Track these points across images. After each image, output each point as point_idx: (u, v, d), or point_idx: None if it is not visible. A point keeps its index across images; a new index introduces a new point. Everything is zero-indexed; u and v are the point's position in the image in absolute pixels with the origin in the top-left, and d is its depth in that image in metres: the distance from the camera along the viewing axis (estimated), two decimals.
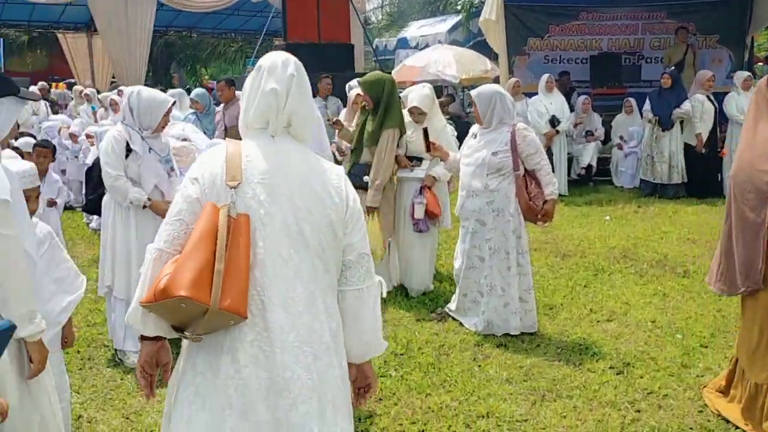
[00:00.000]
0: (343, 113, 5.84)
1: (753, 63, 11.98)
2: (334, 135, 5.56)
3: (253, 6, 16.31)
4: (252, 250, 1.77)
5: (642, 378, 3.70)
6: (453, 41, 16.56)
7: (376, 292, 1.96)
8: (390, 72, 11.19)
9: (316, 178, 1.88)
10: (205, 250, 1.71)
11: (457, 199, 4.47)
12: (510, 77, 10.14)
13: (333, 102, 8.55)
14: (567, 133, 9.49)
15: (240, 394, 1.76)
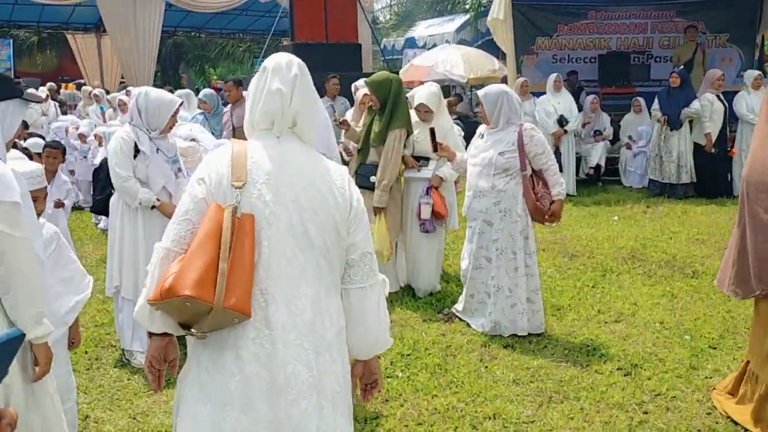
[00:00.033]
0: (350, 113, 5.83)
1: (763, 62, 11.84)
2: (341, 135, 5.55)
3: (262, 6, 16.38)
4: (257, 249, 1.79)
5: (650, 379, 3.67)
6: (461, 41, 16.53)
7: (379, 290, 1.97)
8: (398, 72, 11.20)
9: (320, 178, 1.90)
10: (210, 250, 1.74)
11: (464, 200, 4.46)
12: (518, 77, 10.10)
13: (341, 102, 8.54)
14: (575, 133, 9.44)
15: (241, 391, 1.79)
